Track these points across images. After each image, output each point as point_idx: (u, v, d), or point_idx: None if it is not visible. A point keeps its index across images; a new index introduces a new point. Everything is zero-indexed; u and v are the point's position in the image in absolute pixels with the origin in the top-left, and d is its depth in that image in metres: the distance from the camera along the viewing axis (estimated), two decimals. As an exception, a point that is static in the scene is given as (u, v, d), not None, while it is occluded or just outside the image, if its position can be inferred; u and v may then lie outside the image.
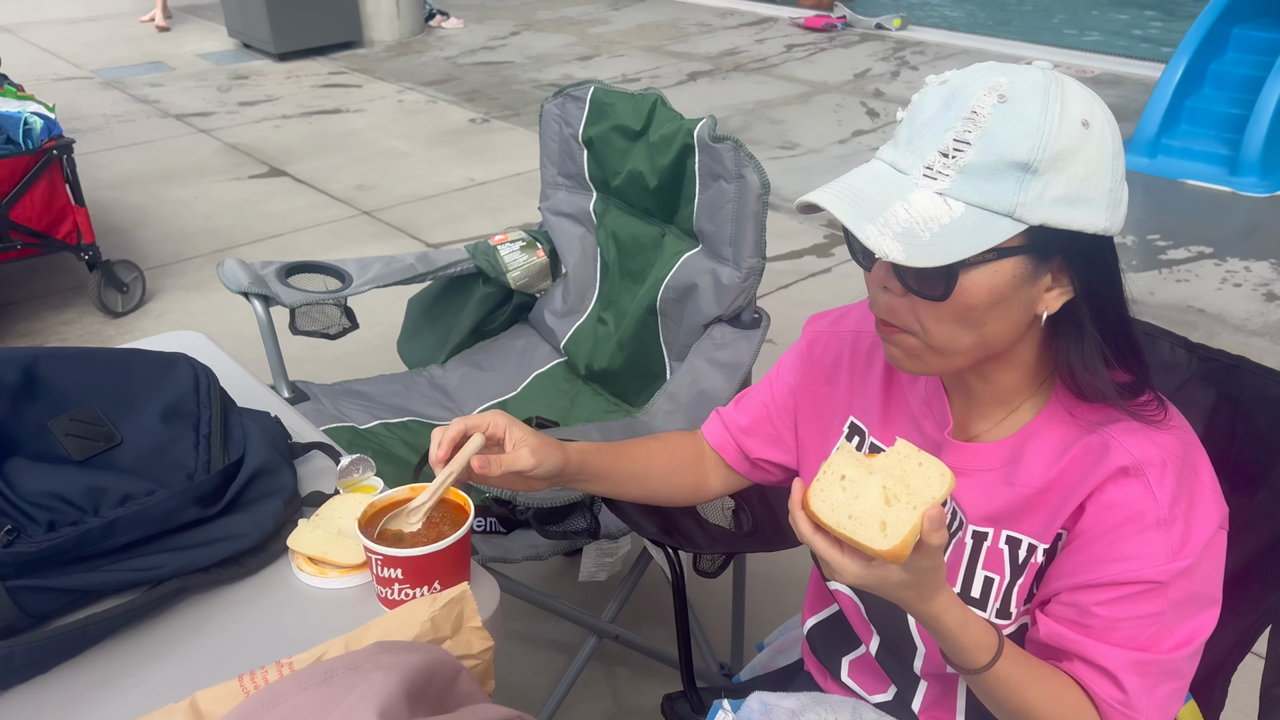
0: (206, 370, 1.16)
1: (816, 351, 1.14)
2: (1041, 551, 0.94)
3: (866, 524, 0.79)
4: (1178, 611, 0.88)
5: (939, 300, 0.84)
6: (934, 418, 1.02)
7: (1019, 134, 0.79)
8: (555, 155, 1.97)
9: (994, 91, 0.81)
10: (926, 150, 0.83)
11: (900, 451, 0.82)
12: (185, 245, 3.90)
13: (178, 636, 0.95)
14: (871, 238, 0.80)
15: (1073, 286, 0.86)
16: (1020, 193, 0.80)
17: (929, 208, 0.81)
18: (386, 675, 0.66)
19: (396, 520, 0.99)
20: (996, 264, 0.83)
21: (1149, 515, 0.86)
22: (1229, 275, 3.51)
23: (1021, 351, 0.92)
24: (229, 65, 6.66)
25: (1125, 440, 0.89)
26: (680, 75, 6.16)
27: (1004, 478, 0.96)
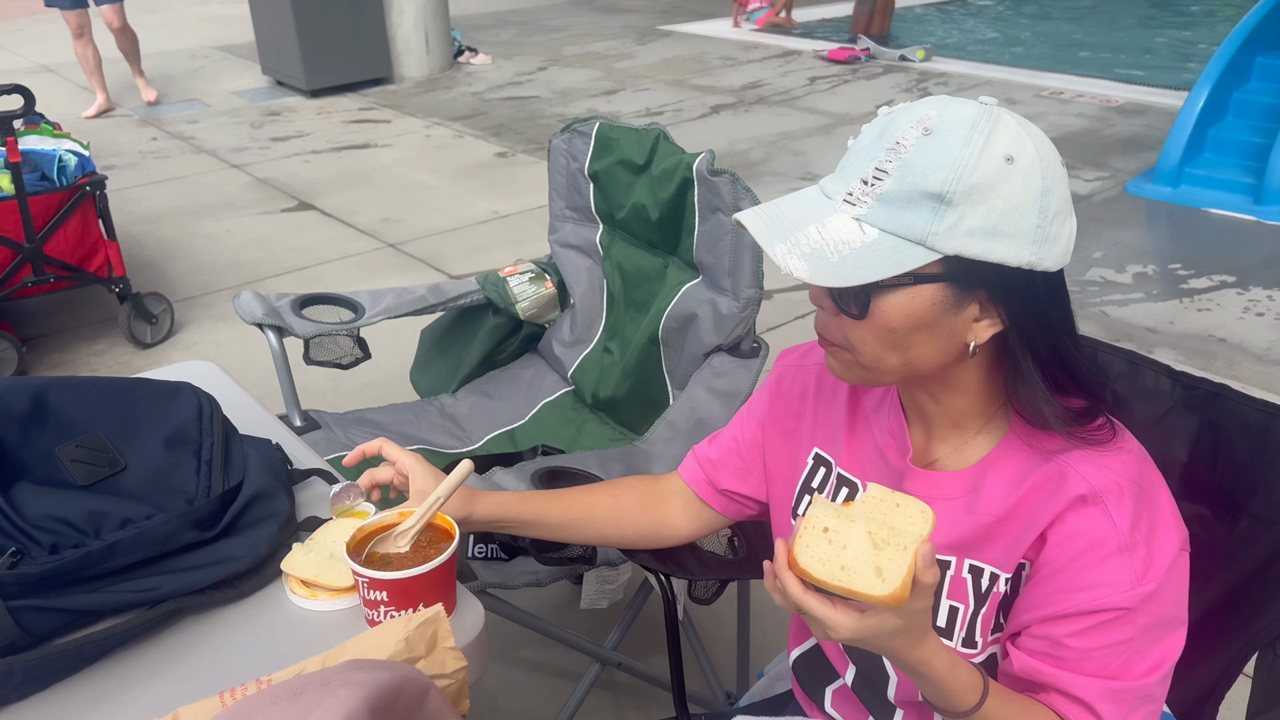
0: (210, 398, 1.20)
1: (784, 385, 1.17)
2: (1004, 581, 0.95)
3: (861, 572, 0.77)
4: (1146, 636, 0.88)
5: (857, 319, 0.88)
6: (896, 446, 1.03)
7: (935, 165, 0.82)
8: (563, 189, 2.02)
9: (920, 124, 0.84)
10: (851, 178, 0.86)
11: (875, 495, 0.83)
12: (214, 278, 3.99)
13: (172, 656, 0.98)
14: (779, 255, 0.84)
15: (1000, 319, 0.88)
16: (933, 222, 0.82)
17: (842, 231, 0.85)
18: (353, 692, 0.68)
19: (384, 544, 1.01)
20: (914, 289, 0.85)
21: (1110, 542, 0.87)
22: (1251, 305, 3.48)
23: (964, 377, 0.94)
24: (262, 102, 6.82)
25: (1082, 468, 0.90)
26: (704, 108, 6.23)
27: (965, 506, 0.97)
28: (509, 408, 2.02)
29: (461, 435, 1.97)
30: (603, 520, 1.22)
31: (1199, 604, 1.10)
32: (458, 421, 2.00)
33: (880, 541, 0.78)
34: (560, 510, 1.20)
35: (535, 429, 1.97)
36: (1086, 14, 9.34)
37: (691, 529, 1.25)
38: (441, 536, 1.03)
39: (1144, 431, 1.14)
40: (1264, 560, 1.07)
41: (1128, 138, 5.31)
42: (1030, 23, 9.03)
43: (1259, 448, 1.06)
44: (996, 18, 9.35)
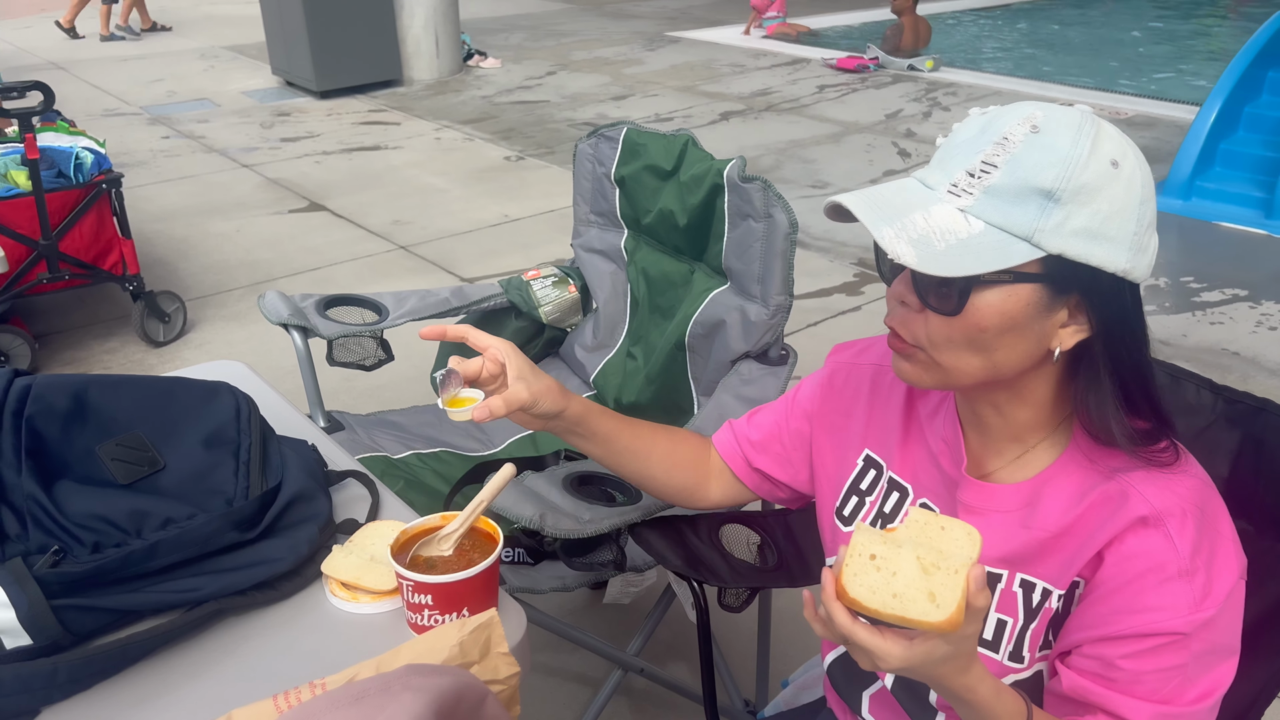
0: (248, 399, 1.20)
1: (837, 382, 1.16)
2: (1057, 597, 0.94)
3: (914, 599, 0.75)
4: (1199, 663, 0.87)
5: (951, 315, 0.86)
6: (950, 455, 1.03)
7: (1046, 162, 0.82)
8: (588, 193, 2.01)
9: (1028, 122, 0.84)
10: (955, 169, 0.85)
11: (919, 519, 0.81)
12: (226, 277, 3.99)
13: (214, 657, 0.98)
14: (887, 239, 0.83)
15: (1089, 325, 0.87)
16: (1041, 219, 0.82)
17: (948, 221, 0.84)
18: (416, 697, 0.68)
19: (428, 547, 1.01)
20: (1011, 288, 0.84)
21: (1170, 566, 0.86)
22: (1264, 318, 3.48)
23: (1037, 387, 0.93)
24: (272, 102, 6.83)
25: (1144, 489, 0.89)
26: (713, 115, 6.23)
27: (1021, 520, 0.96)
28: (530, 412, 2.02)
29: (483, 438, 1.96)
30: (658, 462, 1.21)
31: (1239, 619, 1.10)
32: (479, 424, 2.00)
33: (930, 566, 0.76)
34: (630, 437, 1.19)
35: (557, 433, 1.96)
36: (1096, 26, 9.35)
37: (721, 498, 1.26)
38: (485, 540, 1.03)
39: (1185, 445, 1.14)
40: (1304, 581, 1.07)
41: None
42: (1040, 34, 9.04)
43: (1303, 463, 1.06)
44: (1005, 29, 9.37)
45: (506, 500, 1.33)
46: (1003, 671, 0.98)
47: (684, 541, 1.36)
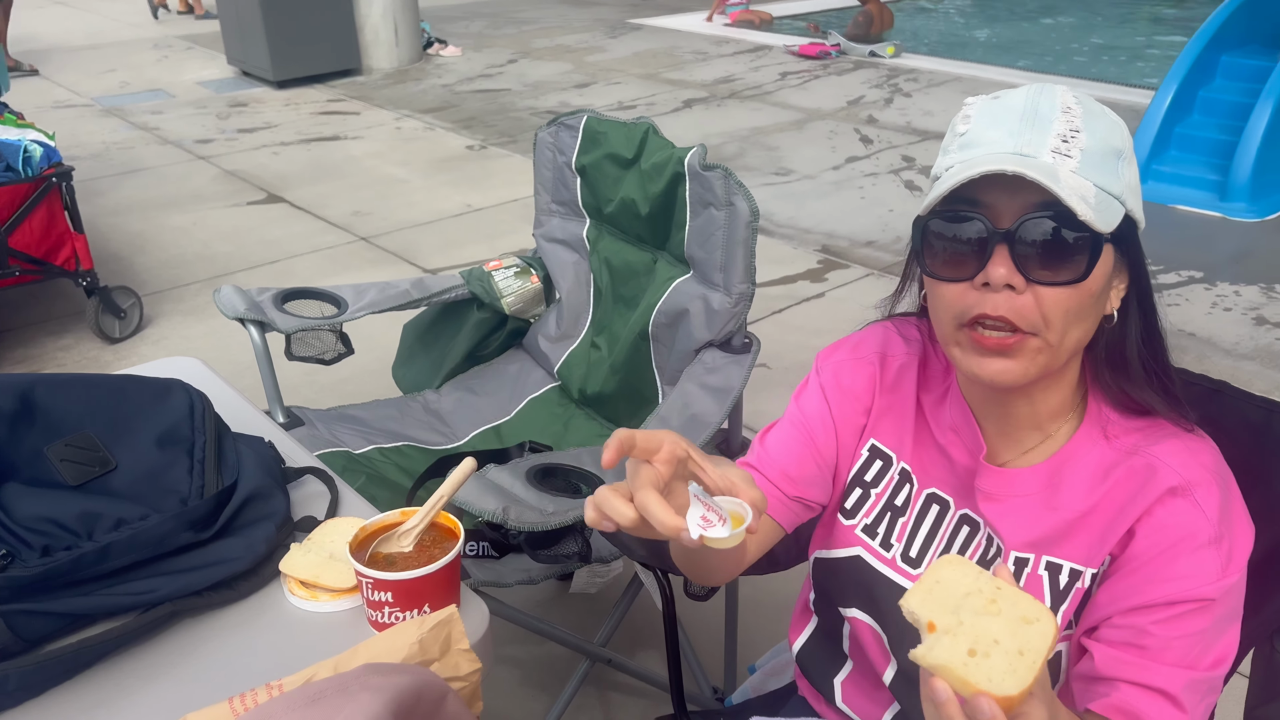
0: (201, 396, 1.18)
1: (846, 381, 1.08)
2: (1090, 576, 0.93)
3: (998, 665, 0.68)
4: (1218, 627, 0.88)
5: (1078, 281, 0.83)
6: (964, 444, 1.00)
7: (1107, 126, 0.85)
8: (549, 182, 2.00)
9: (1069, 93, 0.87)
10: (1043, 138, 0.84)
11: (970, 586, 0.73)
12: (183, 271, 3.92)
13: (170, 660, 0.96)
14: (1071, 199, 0.80)
15: (1126, 281, 0.90)
16: (1122, 179, 0.85)
17: (1076, 181, 0.82)
18: (374, 696, 0.67)
19: (387, 544, 1.00)
20: (1108, 247, 0.85)
21: (1202, 534, 0.87)
22: (1219, 300, 3.53)
23: (1073, 365, 0.93)
24: (228, 93, 6.72)
25: (1170, 461, 0.90)
26: (676, 102, 6.22)
27: (1044, 502, 0.95)
28: (494, 404, 2.01)
29: (446, 431, 1.95)
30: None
31: (1196, 598, 1.11)
32: (442, 418, 1.98)
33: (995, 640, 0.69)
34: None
35: (521, 425, 1.95)
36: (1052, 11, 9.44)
37: (757, 552, 1.11)
38: (445, 535, 1.02)
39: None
40: (1263, 556, 1.08)
41: (1095, 135, 5.38)
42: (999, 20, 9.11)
43: (1259, 444, 1.07)
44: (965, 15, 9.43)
45: (469, 494, 1.31)
46: None
47: (649, 532, 1.36)
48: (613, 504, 0.73)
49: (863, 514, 1.08)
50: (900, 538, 1.06)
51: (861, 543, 1.08)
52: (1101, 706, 0.89)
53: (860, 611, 1.10)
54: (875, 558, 1.07)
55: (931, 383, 1.06)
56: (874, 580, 1.07)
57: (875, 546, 1.07)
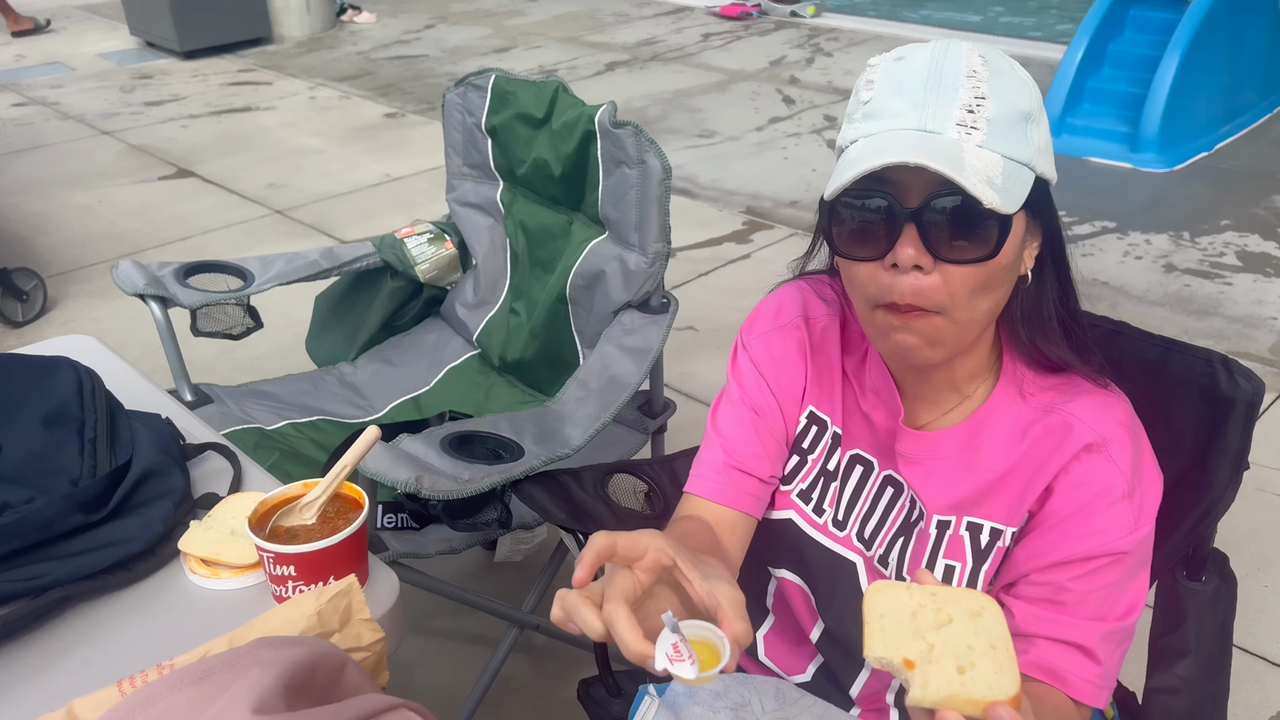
0: (90, 373, 1.13)
1: (777, 353, 1.06)
2: (1010, 535, 0.94)
3: (987, 670, 0.66)
4: (1129, 576, 0.90)
5: (987, 259, 0.81)
6: (884, 407, 1.00)
7: (1014, 87, 0.82)
8: (460, 145, 1.95)
9: (972, 53, 0.83)
10: (948, 109, 0.81)
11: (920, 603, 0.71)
12: (89, 251, 3.78)
13: (64, 646, 0.92)
14: (973, 186, 0.77)
15: (1039, 240, 0.88)
16: (1030, 142, 0.83)
17: (984, 158, 0.80)
18: (264, 670, 0.64)
19: (289, 517, 0.97)
20: (1017, 217, 0.83)
21: (1116, 489, 0.88)
22: (1131, 248, 3.62)
23: (988, 330, 0.92)
24: (132, 65, 6.46)
25: (1085, 417, 0.90)
26: (598, 66, 6.14)
27: (963, 464, 0.95)
28: (412, 374, 1.97)
29: (363, 404, 1.91)
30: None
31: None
32: (358, 390, 1.94)
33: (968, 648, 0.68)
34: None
35: (441, 395, 1.92)
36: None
37: (741, 552, 1.06)
38: (350, 506, 0.99)
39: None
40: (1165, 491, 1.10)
41: (1012, 90, 5.45)
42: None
43: (1157, 382, 1.09)
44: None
45: (381, 464, 1.29)
46: None
47: (569, 495, 1.35)
48: (580, 613, 0.69)
49: (799, 479, 1.08)
50: (832, 503, 1.06)
51: (795, 507, 1.08)
52: (1022, 664, 0.89)
53: (790, 572, 1.11)
54: (807, 523, 1.07)
55: (852, 345, 1.05)
56: (804, 544, 1.07)
57: (808, 512, 1.07)
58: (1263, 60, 4.94)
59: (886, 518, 1.02)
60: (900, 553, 1.00)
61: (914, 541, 0.99)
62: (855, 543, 1.04)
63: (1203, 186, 4.16)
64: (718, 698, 1.13)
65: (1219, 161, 4.41)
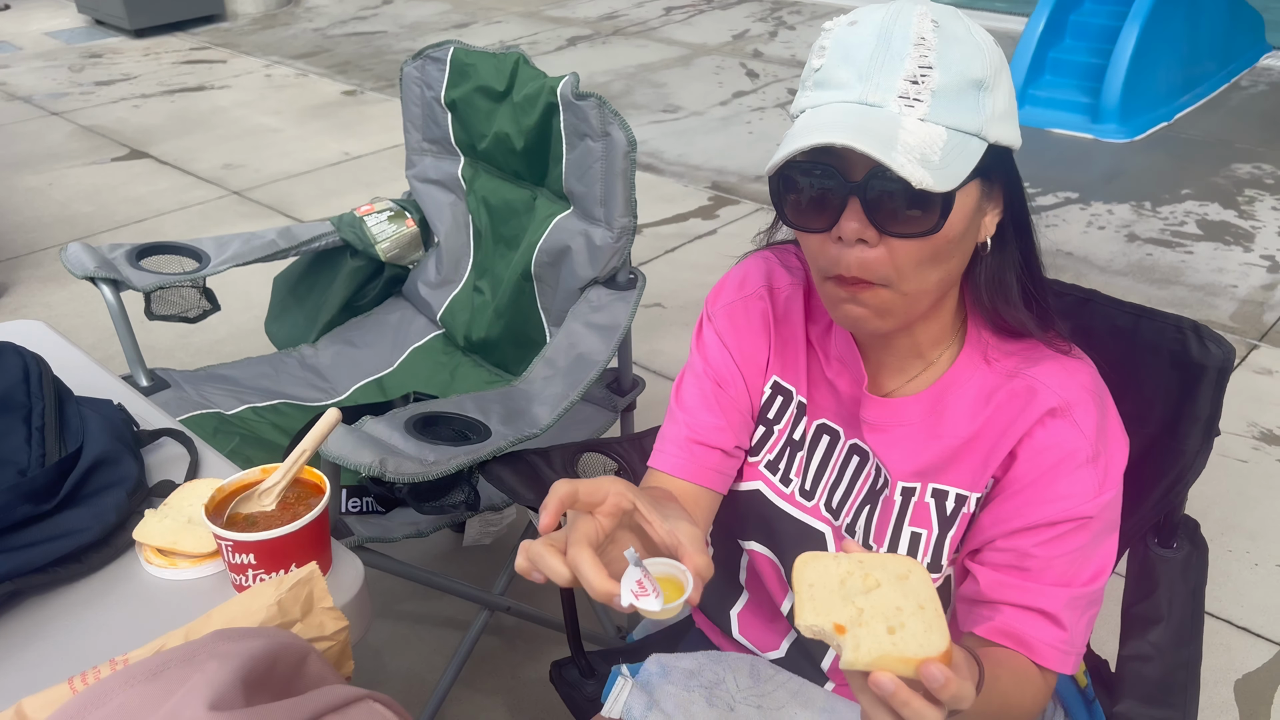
0: (37, 359, 1.09)
1: (740, 322, 1.06)
2: (974, 501, 0.93)
3: (916, 629, 0.66)
4: (1095, 541, 0.89)
5: (931, 234, 0.80)
6: (849, 375, 0.99)
7: (966, 53, 0.79)
8: (419, 120, 1.91)
9: (924, 18, 0.80)
10: (891, 81, 0.79)
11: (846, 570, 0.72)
12: (40, 235, 3.68)
13: (14, 643, 0.89)
14: (901, 165, 0.75)
15: (1000, 207, 0.86)
16: (981, 111, 0.80)
17: (922, 133, 0.78)
18: (222, 664, 0.62)
19: (248, 503, 0.94)
20: (968, 188, 0.81)
21: (1080, 454, 0.87)
22: (1094, 219, 3.64)
23: (951, 296, 0.91)
24: (81, 43, 6.29)
25: (1049, 382, 0.89)
26: (560, 40, 6.07)
27: (928, 430, 0.94)
28: (375, 355, 1.93)
29: (325, 387, 1.87)
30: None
31: (1074, 504, 1.13)
32: (320, 373, 1.90)
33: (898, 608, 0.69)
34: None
35: (405, 376, 1.89)
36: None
37: (707, 526, 1.07)
38: (311, 492, 0.96)
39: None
40: (1134, 458, 1.09)
41: (974, 62, 5.46)
42: (877, -49, 9.12)
43: (1128, 349, 1.09)
44: (845, -54, 9.41)
45: (343, 448, 1.25)
46: None
47: (537, 475, 1.32)
48: (545, 560, 0.70)
49: (765, 450, 1.07)
50: (799, 473, 1.05)
51: (763, 478, 1.07)
52: (986, 630, 0.90)
53: (759, 544, 1.10)
54: (775, 493, 1.06)
55: (816, 313, 1.04)
56: (773, 515, 1.06)
57: (775, 482, 1.06)
58: (1220, 30, 4.98)
59: (853, 486, 1.01)
60: (867, 521, 0.99)
61: (879, 509, 0.98)
62: (824, 512, 1.04)
63: (1163, 156, 4.19)
64: (691, 676, 1.12)
65: (1179, 131, 4.45)
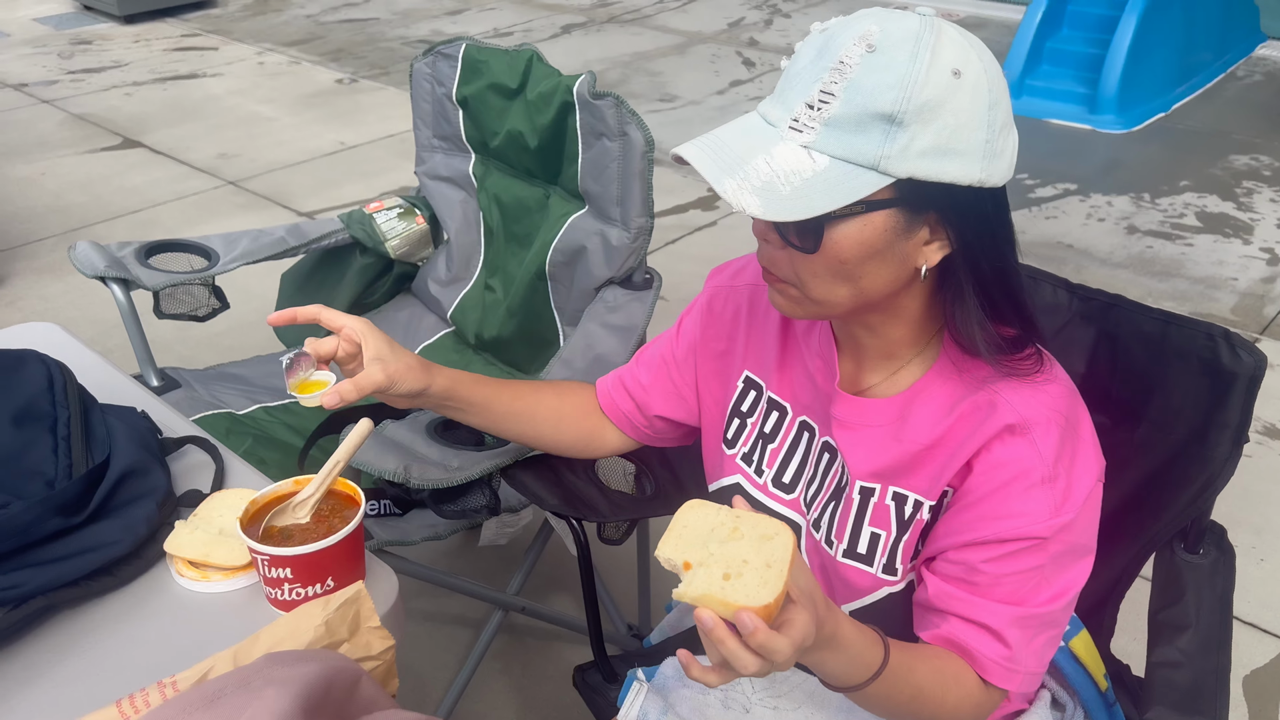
0: (61, 366, 1.07)
1: (716, 307, 1.13)
2: (927, 508, 0.94)
3: (751, 582, 0.73)
4: (1055, 564, 0.89)
5: (809, 253, 0.84)
6: (826, 370, 1.01)
7: (884, 85, 0.77)
8: (429, 116, 1.89)
9: (863, 41, 0.79)
10: (795, 102, 0.81)
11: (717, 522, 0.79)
12: (34, 226, 3.64)
13: (48, 659, 0.88)
14: (730, 191, 0.79)
15: (950, 240, 0.85)
16: (885, 145, 0.78)
17: (791, 161, 0.80)
18: (280, 691, 0.61)
19: (282, 516, 0.93)
20: (866, 217, 0.81)
21: (1035, 473, 0.87)
22: (1093, 210, 3.65)
23: (908, 304, 0.91)
24: (70, 29, 6.21)
25: (1011, 398, 0.89)
26: (554, 28, 6.04)
27: (892, 434, 0.95)
28: (386, 352, 1.91)
29: (337, 384, 1.85)
30: (545, 419, 1.17)
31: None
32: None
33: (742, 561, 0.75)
34: (510, 399, 1.14)
35: (416, 373, 1.87)
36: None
37: (618, 446, 1.23)
38: (344, 503, 0.96)
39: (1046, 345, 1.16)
40: (1161, 464, 1.11)
41: (970, 52, 5.45)
42: (871, -63, 9.08)
43: (1156, 355, 1.09)
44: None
45: (367, 454, 1.25)
46: (877, 584, 0.99)
47: (560, 480, 1.32)
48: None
49: (741, 442, 1.10)
50: (771, 464, 1.08)
51: (740, 470, 1.10)
52: (931, 637, 0.93)
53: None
54: (751, 484, 1.09)
55: None
56: (752, 506, 1.07)
57: (750, 473, 1.09)
58: (1216, 20, 4.99)
59: (824, 482, 1.03)
60: (830, 517, 1.01)
61: (841, 506, 0.99)
62: (802, 506, 1.06)
63: (1161, 147, 4.20)
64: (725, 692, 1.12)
65: (1176, 122, 4.46)
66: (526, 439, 1.18)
